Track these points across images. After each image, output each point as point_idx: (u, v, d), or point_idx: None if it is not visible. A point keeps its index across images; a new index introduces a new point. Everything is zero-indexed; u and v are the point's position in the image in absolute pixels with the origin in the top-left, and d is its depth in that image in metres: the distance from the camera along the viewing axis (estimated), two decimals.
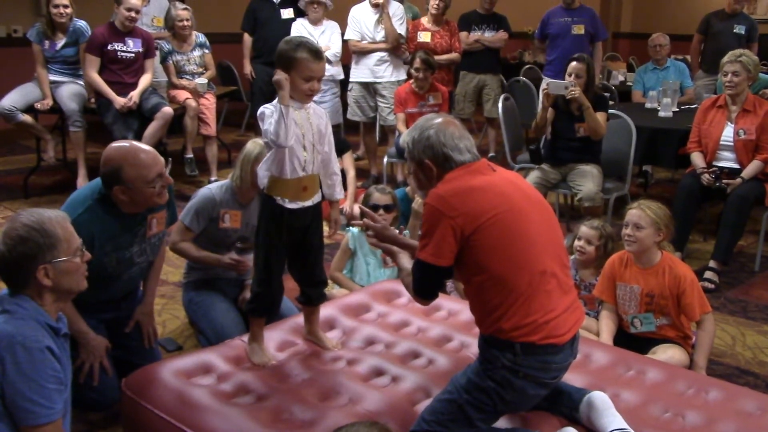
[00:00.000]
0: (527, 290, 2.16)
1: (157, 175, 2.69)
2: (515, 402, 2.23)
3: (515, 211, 2.22)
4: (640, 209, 3.20)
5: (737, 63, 4.43)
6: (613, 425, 2.27)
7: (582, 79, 4.55)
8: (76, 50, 5.57)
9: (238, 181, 3.38)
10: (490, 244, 2.17)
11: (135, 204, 2.73)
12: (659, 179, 6.68)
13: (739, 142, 4.44)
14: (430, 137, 2.34)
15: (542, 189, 4.74)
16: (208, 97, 6.12)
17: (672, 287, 3.13)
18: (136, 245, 2.86)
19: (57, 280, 2.09)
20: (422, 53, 5.56)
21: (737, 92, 4.46)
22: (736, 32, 6.79)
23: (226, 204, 3.40)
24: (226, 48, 7.99)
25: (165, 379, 2.56)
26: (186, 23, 5.95)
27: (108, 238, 2.73)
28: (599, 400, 2.34)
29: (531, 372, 2.17)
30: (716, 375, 3.19)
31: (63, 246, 2.10)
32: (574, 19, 6.60)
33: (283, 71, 2.56)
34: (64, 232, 2.11)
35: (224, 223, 3.39)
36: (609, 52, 11.00)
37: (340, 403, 2.49)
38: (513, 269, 2.16)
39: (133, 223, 2.81)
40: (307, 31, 6.33)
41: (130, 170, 2.65)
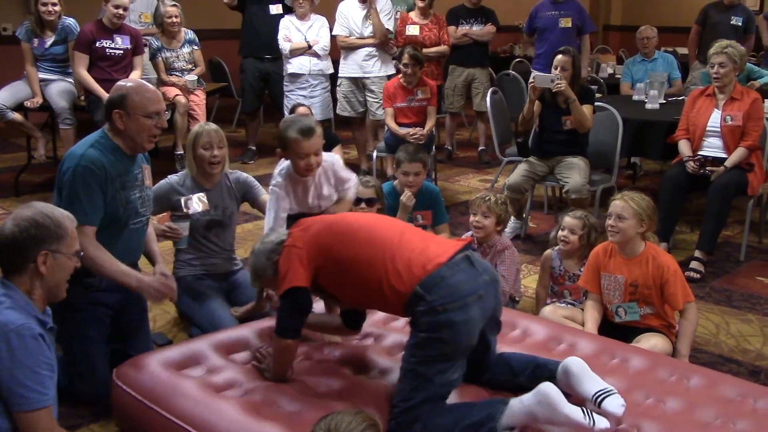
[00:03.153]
0: (389, 252, 2.34)
1: (155, 112, 2.79)
2: (456, 337, 2.25)
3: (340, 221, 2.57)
4: (623, 200, 3.23)
5: (723, 54, 4.48)
6: (594, 388, 2.31)
7: (568, 72, 4.58)
8: (65, 48, 5.57)
9: (192, 165, 3.50)
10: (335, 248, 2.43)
11: (128, 135, 2.80)
12: (648, 171, 6.73)
13: (726, 128, 4.48)
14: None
15: (530, 182, 4.79)
16: (198, 94, 6.14)
17: (655, 277, 3.17)
18: (138, 190, 2.89)
19: (51, 270, 2.17)
20: (410, 48, 5.59)
21: (724, 83, 4.51)
22: (734, 23, 6.85)
23: (187, 190, 3.47)
24: (216, 44, 8.01)
25: (155, 370, 2.60)
26: (175, 20, 5.96)
27: (117, 173, 2.79)
28: (575, 365, 2.37)
29: (445, 302, 2.24)
30: (700, 363, 3.24)
31: (68, 241, 2.20)
32: (561, 12, 6.65)
33: (281, 150, 3.01)
34: (72, 231, 2.22)
35: (188, 209, 3.46)
36: (599, 44, 11.05)
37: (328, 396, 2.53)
38: (364, 249, 2.37)
39: (132, 164, 2.88)
40: (295, 26, 6.37)
41: (135, 97, 2.77)
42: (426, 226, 4.25)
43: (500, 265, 3.62)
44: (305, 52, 6.34)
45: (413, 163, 4.02)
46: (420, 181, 4.11)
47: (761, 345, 3.54)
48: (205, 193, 3.50)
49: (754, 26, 7.06)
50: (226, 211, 3.58)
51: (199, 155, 3.45)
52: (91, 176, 2.72)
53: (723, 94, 4.54)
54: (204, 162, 3.46)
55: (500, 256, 3.64)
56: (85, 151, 2.76)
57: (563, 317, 3.34)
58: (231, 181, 3.61)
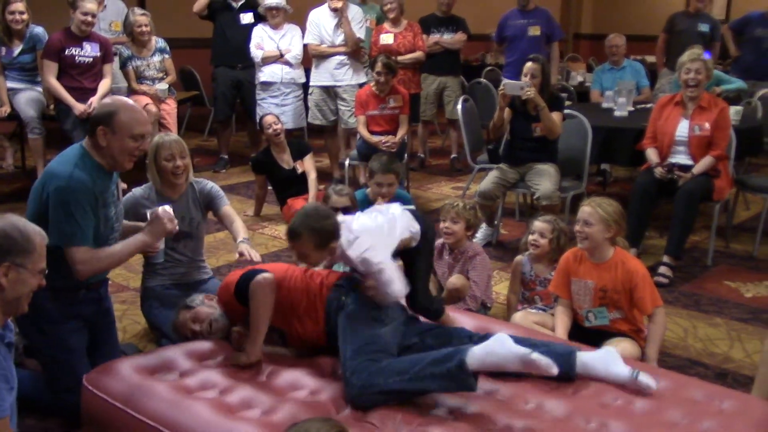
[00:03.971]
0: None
1: (140, 134, 2.75)
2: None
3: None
4: (591, 206, 3.26)
5: (699, 61, 4.51)
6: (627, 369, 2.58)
7: (537, 80, 4.63)
8: (33, 57, 5.52)
9: (155, 177, 3.48)
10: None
11: (109, 153, 2.75)
12: (618, 177, 6.80)
13: (694, 138, 4.54)
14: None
15: (501, 188, 4.82)
16: (169, 102, 6.11)
17: (624, 282, 3.21)
18: (113, 206, 2.86)
19: (12, 284, 2.11)
20: (383, 57, 5.61)
21: (698, 92, 4.53)
22: (700, 31, 6.97)
23: (153, 203, 3.42)
24: (188, 53, 7.98)
25: (127, 374, 2.58)
26: (145, 28, 5.93)
27: (99, 192, 2.75)
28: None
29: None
30: (668, 366, 3.28)
31: (34, 257, 2.14)
32: (529, 21, 6.73)
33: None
34: (40, 249, 2.17)
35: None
36: (569, 52, 11.17)
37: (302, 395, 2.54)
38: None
39: (110, 181, 2.85)
40: (268, 35, 6.37)
41: (123, 116, 2.72)
42: None
43: (471, 271, 3.64)
44: (277, 60, 6.34)
45: (387, 174, 4.03)
46: (393, 191, 4.13)
47: (728, 348, 3.59)
48: (171, 204, 3.46)
49: (719, 33, 7.18)
50: (193, 222, 3.56)
51: (162, 167, 3.44)
52: (84, 197, 2.68)
53: (692, 102, 4.58)
54: (167, 173, 3.44)
55: (471, 263, 3.66)
56: (73, 171, 2.69)
57: (534, 323, 3.36)
58: (196, 191, 3.59)
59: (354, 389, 2.41)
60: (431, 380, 2.39)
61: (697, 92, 4.54)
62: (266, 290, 2.69)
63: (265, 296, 2.69)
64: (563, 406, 2.45)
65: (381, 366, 2.42)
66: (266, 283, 2.69)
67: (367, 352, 2.49)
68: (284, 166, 5.36)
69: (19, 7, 5.38)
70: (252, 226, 5.38)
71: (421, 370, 2.39)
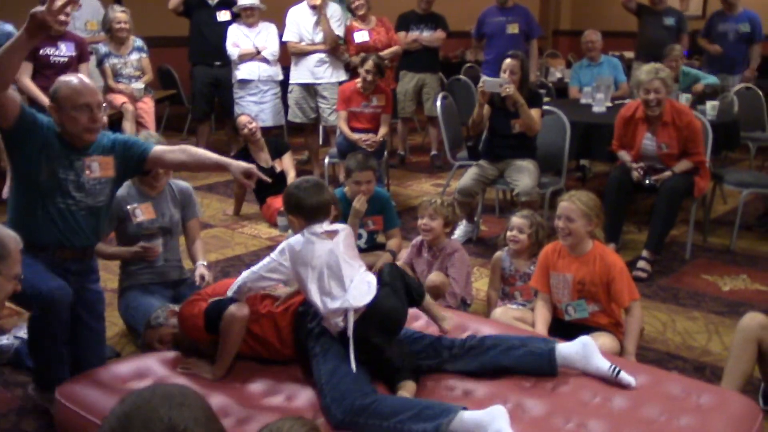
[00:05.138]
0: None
1: (84, 104, 2.75)
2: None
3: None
4: (571, 201, 3.27)
5: (657, 80, 4.38)
6: (607, 364, 2.58)
7: (516, 76, 4.63)
8: None
9: (135, 180, 3.48)
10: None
11: (64, 129, 2.79)
12: (597, 173, 6.83)
13: (663, 155, 4.52)
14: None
15: (480, 185, 4.83)
16: (147, 101, 6.06)
17: (602, 275, 3.21)
18: (73, 174, 2.82)
19: None
20: (375, 57, 5.57)
21: (660, 111, 4.44)
22: (667, 24, 7.01)
23: (132, 199, 3.48)
24: (166, 51, 7.92)
25: (100, 385, 2.56)
26: (124, 25, 5.87)
27: (47, 143, 2.76)
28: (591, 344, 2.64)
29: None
30: (647, 360, 3.30)
31: (9, 262, 2.11)
32: (508, 18, 6.74)
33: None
34: (15, 254, 2.13)
35: (137, 217, 3.46)
36: (549, 49, 11.20)
37: (276, 401, 2.53)
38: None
39: (71, 153, 2.82)
40: (243, 33, 6.34)
41: (64, 90, 2.76)
42: (377, 231, 4.25)
43: (450, 267, 3.64)
44: (254, 57, 6.31)
45: (364, 172, 4.01)
46: (372, 189, 4.11)
47: (706, 341, 3.62)
48: (151, 201, 3.49)
49: (686, 26, 7.21)
50: (172, 219, 3.59)
51: None
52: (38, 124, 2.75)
53: (656, 119, 4.47)
54: (147, 176, 3.44)
55: (450, 259, 3.66)
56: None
57: (514, 319, 3.36)
58: (175, 190, 3.62)
59: (334, 419, 2.37)
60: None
61: (659, 110, 4.44)
62: (241, 323, 2.65)
63: (239, 329, 2.66)
64: (542, 405, 2.45)
65: (364, 404, 2.35)
66: (241, 315, 2.64)
67: (342, 374, 2.46)
68: (263, 165, 5.34)
69: None
70: (231, 225, 5.36)
71: (403, 423, 2.29)
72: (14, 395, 3.05)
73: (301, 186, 2.69)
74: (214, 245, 4.92)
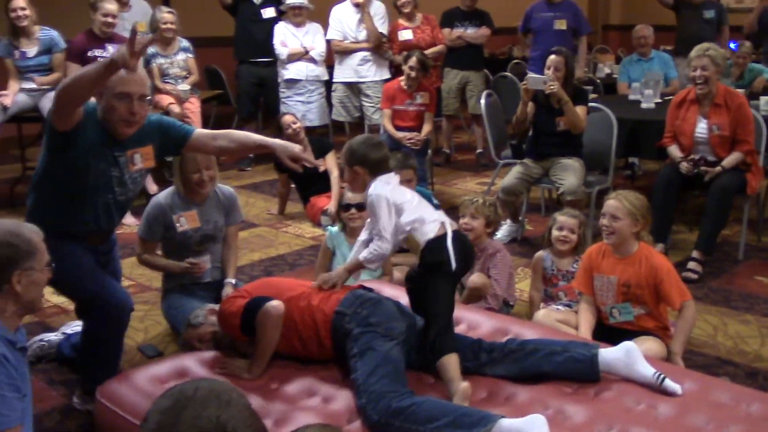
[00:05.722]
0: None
1: (124, 93, 2.64)
2: (383, 317, 2.62)
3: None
4: (617, 200, 3.20)
5: (705, 57, 4.33)
6: (651, 370, 2.52)
7: (561, 72, 4.54)
8: (50, 59, 5.53)
9: (180, 185, 3.46)
10: None
11: (103, 116, 2.70)
12: (647, 171, 6.67)
13: (715, 137, 4.41)
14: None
15: (525, 184, 4.76)
16: (193, 101, 6.13)
17: (648, 277, 3.13)
18: (115, 169, 2.79)
19: (26, 288, 2.13)
20: (419, 53, 5.55)
21: (708, 89, 4.37)
22: (707, 17, 6.82)
23: (177, 208, 3.46)
24: (212, 51, 7.99)
25: (139, 386, 2.57)
26: (170, 26, 5.94)
27: (93, 141, 2.70)
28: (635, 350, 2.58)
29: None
30: (695, 365, 3.20)
31: (39, 256, 2.16)
32: (556, 14, 6.61)
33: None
34: (40, 245, 2.18)
35: (182, 226, 3.44)
36: (598, 44, 11.00)
37: (313, 402, 2.52)
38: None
39: (114, 147, 2.76)
40: (291, 32, 6.36)
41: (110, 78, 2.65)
42: None
43: (492, 268, 3.59)
44: (302, 57, 6.33)
45: (404, 170, 3.97)
46: (412, 188, 4.07)
47: (759, 346, 3.49)
48: (196, 209, 3.49)
49: (726, 18, 6.98)
50: (217, 225, 3.58)
51: (187, 178, 3.44)
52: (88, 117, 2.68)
53: (707, 99, 4.40)
54: (192, 184, 3.44)
55: (492, 260, 3.60)
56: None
57: (557, 321, 3.30)
58: (220, 195, 3.61)
59: (370, 421, 2.36)
60: None
61: (708, 88, 4.36)
62: (276, 321, 2.66)
63: (275, 327, 2.66)
64: (584, 411, 2.39)
65: (401, 406, 2.32)
66: (276, 313, 2.65)
67: (380, 374, 2.44)
68: (306, 165, 5.32)
69: (20, 3, 5.36)
70: (275, 225, 5.39)
71: (440, 430, 2.26)
72: (59, 393, 3.10)
73: (366, 142, 2.88)
74: (258, 244, 4.94)
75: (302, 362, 2.75)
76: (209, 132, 3.07)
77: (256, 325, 2.66)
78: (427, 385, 2.62)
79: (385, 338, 2.57)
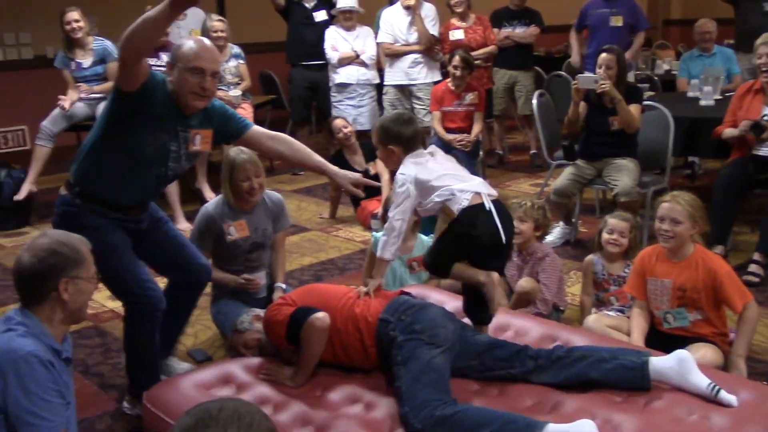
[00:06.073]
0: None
1: (198, 67, 2.63)
2: (427, 324, 2.59)
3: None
4: (675, 202, 3.08)
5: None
6: (706, 380, 2.42)
7: (612, 71, 4.43)
8: (104, 68, 5.67)
9: (229, 194, 3.46)
10: None
11: (174, 88, 2.67)
12: (708, 170, 6.46)
13: None
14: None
15: (577, 185, 4.66)
16: (245, 107, 6.18)
17: (706, 280, 3.02)
18: (175, 143, 2.77)
19: (73, 297, 2.18)
20: (462, 51, 5.54)
21: None
22: (766, 10, 6.55)
23: (226, 217, 3.46)
24: (267, 57, 8.09)
25: (184, 391, 2.60)
26: (220, 34, 6.02)
27: (160, 110, 2.67)
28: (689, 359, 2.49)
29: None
30: (755, 373, 3.07)
31: (86, 266, 2.21)
32: (612, 10, 6.48)
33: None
34: (88, 255, 2.23)
35: (231, 235, 3.45)
36: (659, 40, 10.73)
37: (355, 410, 2.51)
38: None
39: (179, 121, 2.75)
40: (342, 36, 6.38)
41: (184, 49, 2.66)
42: None
43: (541, 273, 3.52)
44: (353, 61, 6.34)
45: None
46: None
47: None
48: (245, 217, 3.51)
49: None
50: (265, 232, 3.59)
51: (236, 186, 3.44)
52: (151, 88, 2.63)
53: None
54: (242, 192, 3.45)
55: (540, 264, 3.54)
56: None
57: (608, 327, 3.21)
58: (268, 202, 3.62)
59: (412, 429, 2.33)
60: None
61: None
62: (321, 333, 2.65)
63: (320, 338, 2.65)
64: (633, 422, 2.31)
65: (444, 415, 2.30)
66: (321, 326, 2.64)
67: (424, 382, 2.41)
68: (357, 168, 5.34)
69: (74, 16, 5.52)
70: (326, 229, 5.40)
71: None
72: (110, 397, 3.15)
73: (397, 120, 2.89)
74: (309, 249, 4.96)
75: (347, 370, 2.74)
76: (267, 132, 3.05)
77: (301, 337, 2.66)
78: (471, 392, 2.58)
79: (429, 346, 2.53)
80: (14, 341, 2.06)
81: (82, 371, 3.37)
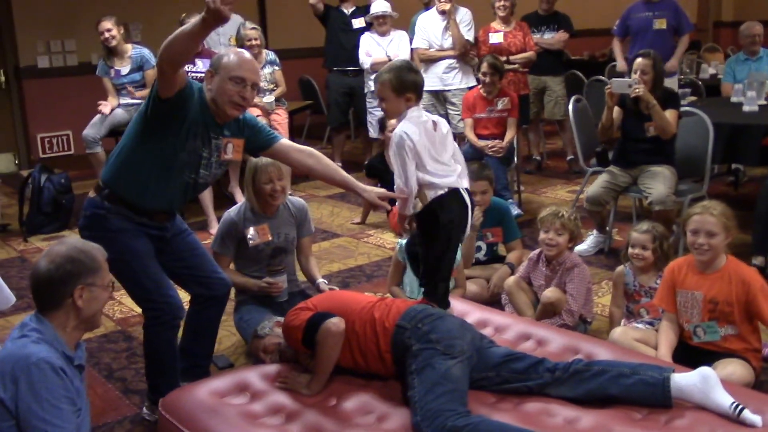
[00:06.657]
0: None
1: (240, 77, 2.69)
2: (443, 334, 2.57)
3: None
4: (708, 213, 2.97)
5: None
6: (729, 399, 2.35)
7: (648, 76, 4.32)
8: (141, 75, 5.76)
9: (252, 197, 3.49)
10: None
11: (213, 96, 2.72)
12: (753, 177, 6.26)
13: None
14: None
15: (611, 193, 4.55)
16: (279, 113, 6.20)
17: (739, 293, 2.91)
18: (206, 150, 2.81)
19: (87, 304, 2.20)
20: (490, 57, 5.47)
21: None
22: None
23: (249, 222, 3.48)
24: (306, 62, 8.14)
25: (199, 399, 2.59)
26: (255, 42, 6.05)
27: (195, 117, 2.72)
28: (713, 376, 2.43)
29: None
30: None
31: (102, 273, 2.23)
32: (655, 13, 6.32)
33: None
34: (104, 264, 2.25)
35: (252, 240, 3.47)
36: (709, 42, 10.47)
37: (368, 420, 2.47)
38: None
39: (213, 129, 2.78)
40: (376, 41, 6.37)
41: (227, 59, 2.73)
42: (497, 243, 4.11)
43: (569, 283, 3.44)
44: None
45: (479, 182, 3.88)
46: (487, 200, 3.99)
47: None
48: (268, 222, 3.52)
49: None
50: (288, 237, 3.60)
51: (260, 189, 3.46)
52: (185, 96, 2.67)
53: None
54: (265, 195, 3.47)
55: (569, 274, 3.46)
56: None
57: (635, 340, 3.11)
58: (291, 208, 3.63)
59: None
60: None
61: None
62: (336, 338, 2.63)
63: (335, 343, 2.63)
64: None
65: (456, 426, 2.26)
66: (337, 330, 2.62)
67: (438, 392, 2.38)
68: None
69: (107, 25, 5.63)
70: (357, 235, 5.38)
71: None
72: (132, 402, 3.17)
73: (409, 68, 3.08)
74: (339, 255, 4.94)
75: (364, 378, 2.71)
76: (296, 145, 3.09)
77: (317, 341, 2.64)
78: (488, 405, 2.52)
79: (445, 356, 2.49)
80: (27, 347, 2.08)
81: (106, 375, 3.41)
